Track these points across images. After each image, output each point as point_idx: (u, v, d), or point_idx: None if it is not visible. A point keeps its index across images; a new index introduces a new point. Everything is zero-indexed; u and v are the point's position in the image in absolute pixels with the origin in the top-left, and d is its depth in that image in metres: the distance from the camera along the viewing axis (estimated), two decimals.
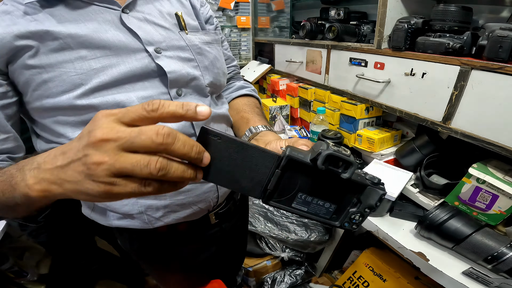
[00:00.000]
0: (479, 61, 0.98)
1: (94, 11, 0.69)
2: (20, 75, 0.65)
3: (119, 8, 0.71)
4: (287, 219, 1.86)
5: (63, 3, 0.67)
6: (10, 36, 0.62)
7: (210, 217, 0.92)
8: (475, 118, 1.00)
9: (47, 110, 0.67)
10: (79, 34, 0.65)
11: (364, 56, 1.39)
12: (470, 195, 1.03)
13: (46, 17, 0.65)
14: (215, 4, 2.55)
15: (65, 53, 0.64)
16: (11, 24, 0.63)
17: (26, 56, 0.63)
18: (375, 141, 1.38)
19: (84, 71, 0.65)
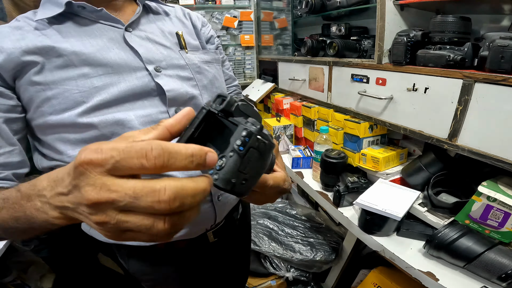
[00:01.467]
0: (482, 73, 0.96)
1: (99, 29, 0.71)
2: (25, 91, 0.66)
3: (123, 26, 0.74)
4: (292, 238, 1.83)
5: (71, 20, 0.70)
6: (19, 52, 0.64)
7: (208, 235, 0.91)
8: (482, 134, 0.97)
9: (49, 127, 0.68)
10: (83, 52, 0.67)
11: (366, 72, 1.39)
12: (481, 213, 0.99)
13: (54, 33, 0.68)
14: (219, 23, 2.61)
15: (69, 71, 0.66)
16: (20, 38, 0.65)
17: (32, 72, 0.65)
18: (380, 160, 1.36)
19: (86, 89, 0.66)
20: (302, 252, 1.76)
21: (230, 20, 2.60)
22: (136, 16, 0.77)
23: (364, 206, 1.15)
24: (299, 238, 1.84)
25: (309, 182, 1.62)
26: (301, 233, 1.89)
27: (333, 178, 1.47)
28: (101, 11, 0.71)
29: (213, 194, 0.82)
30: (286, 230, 1.91)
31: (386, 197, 1.19)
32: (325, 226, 1.94)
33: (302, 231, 1.90)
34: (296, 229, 1.93)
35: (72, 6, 0.69)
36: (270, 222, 1.96)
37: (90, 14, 0.72)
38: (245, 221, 1.11)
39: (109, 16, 0.73)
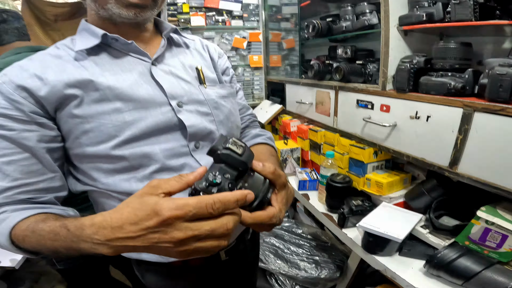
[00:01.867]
0: (481, 102, 1.00)
1: (129, 62, 0.78)
2: (65, 123, 0.72)
3: (150, 60, 0.80)
4: (298, 256, 1.87)
5: (105, 51, 0.77)
6: (61, 85, 0.70)
7: (221, 254, 0.96)
8: (482, 163, 1.02)
9: (86, 157, 0.74)
10: (116, 86, 0.73)
11: (370, 98, 1.44)
12: (480, 235, 1.05)
13: (91, 64, 0.74)
14: (229, 44, 2.70)
15: (104, 105, 0.72)
16: (62, 70, 0.71)
17: (72, 105, 0.71)
18: (383, 185, 1.41)
19: (119, 123, 0.73)
20: (307, 269, 1.79)
21: (239, 41, 2.69)
22: (161, 50, 0.83)
23: (366, 229, 1.20)
24: (304, 256, 1.87)
25: (315, 203, 1.67)
26: (306, 251, 1.92)
27: (338, 201, 1.53)
28: (131, 44, 0.78)
29: None
30: (292, 248, 1.95)
31: (388, 220, 1.24)
32: (331, 245, 1.98)
33: (308, 250, 1.94)
34: (301, 247, 1.96)
35: (107, 38, 0.76)
36: (276, 240, 2.00)
37: (121, 46, 0.79)
38: (255, 241, 1.15)
39: (138, 49, 0.79)
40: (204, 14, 2.61)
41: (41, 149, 0.70)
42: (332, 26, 1.88)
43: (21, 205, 0.67)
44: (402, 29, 1.32)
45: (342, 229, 1.42)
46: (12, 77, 0.69)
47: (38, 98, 0.69)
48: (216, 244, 0.49)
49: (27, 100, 0.68)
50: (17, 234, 0.61)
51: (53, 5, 3.32)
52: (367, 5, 1.60)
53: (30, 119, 0.68)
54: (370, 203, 1.45)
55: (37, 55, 0.76)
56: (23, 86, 0.68)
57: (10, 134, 0.66)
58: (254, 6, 2.75)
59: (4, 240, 0.62)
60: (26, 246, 0.61)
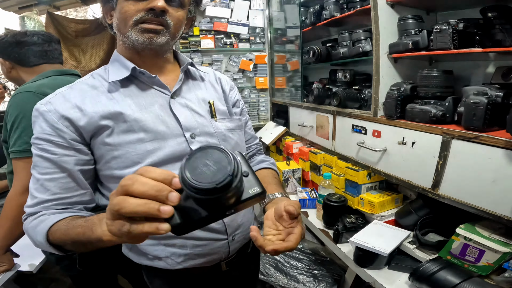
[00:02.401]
0: (458, 130, 1.10)
1: (153, 95, 0.89)
2: (98, 149, 0.84)
3: (169, 93, 0.91)
4: (297, 270, 1.97)
5: (133, 84, 0.89)
6: (97, 116, 0.81)
7: (222, 265, 1.05)
8: (459, 185, 1.13)
9: (113, 178, 0.86)
10: (141, 119, 0.84)
11: (364, 123, 1.56)
12: (460, 250, 1.16)
13: (121, 97, 0.85)
14: (236, 66, 2.84)
15: (130, 135, 0.83)
16: (97, 102, 0.83)
17: (105, 134, 0.82)
18: (375, 204, 1.54)
19: (142, 152, 0.84)
20: (305, 283, 1.88)
21: (246, 63, 2.83)
22: (179, 84, 0.93)
23: (356, 244, 1.32)
24: (303, 270, 1.97)
25: (313, 220, 1.79)
26: (305, 265, 2.02)
27: (334, 218, 1.64)
28: (155, 78, 0.88)
29: (229, 234, 0.98)
30: (292, 262, 2.04)
31: (377, 236, 1.35)
32: (329, 260, 2.07)
33: (307, 263, 2.03)
34: (301, 261, 2.06)
35: (135, 71, 0.87)
36: None
37: (146, 79, 0.89)
38: (255, 254, 1.25)
39: (160, 83, 0.89)
40: (213, 37, 2.77)
41: (76, 171, 0.81)
42: (331, 52, 2.01)
43: (58, 211, 0.79)
44: (392, 56, 1.43)
45: (337, 244, 1.52)
46: (56, 107, 0.80)
47: (78, 127, 0.80)
48: (117, 225, 0.48)
49: (68, 129, 0.80)
50: (52, 231, 0.71)
51: (75, 21, 3.56)
52: (362, 32, 1.72)
53: (70, 145, 0.80)
54: (363, 220, 1.56)
55: (76, 84, 0.88)
56: (66, 116, 0.79)
57: (53, 157, 0.79)
58: (260, 29, 2.90)
59: (41, 237, 0.72)
60: (55, 240, 0.71)
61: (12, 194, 1.16)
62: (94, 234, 0.59)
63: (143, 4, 0.80)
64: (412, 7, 1.49)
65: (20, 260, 1.38)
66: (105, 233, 0.55)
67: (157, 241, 0.92)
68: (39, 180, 0.79)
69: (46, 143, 0.79)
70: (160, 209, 0.44)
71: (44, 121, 0.79)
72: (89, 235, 0.61)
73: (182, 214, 0.47)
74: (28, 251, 1.39)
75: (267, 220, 0.79)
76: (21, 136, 1.15)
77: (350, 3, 1.92)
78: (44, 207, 0.78)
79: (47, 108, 0.80)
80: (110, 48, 3.53)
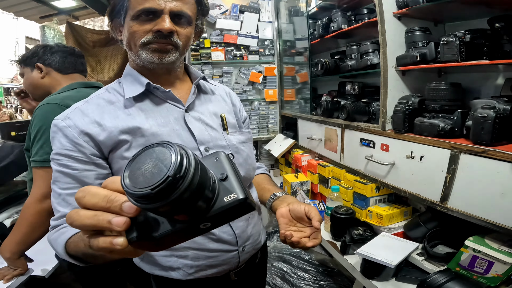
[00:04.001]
0: (466, 144, 1.10)
1: (167, 109, 0.91)
2: (116, 163, 0.85)
3: (183, 107, 0.92)
4: (304, 281, 1.96)
5: (148, 98, 0.90)
6: (117, 131, 0.82)
7: (231, 275, 1.06)
8: (468, 199, 1.13)
9: None
10: (158, 133, 0.86)
11: (372, 137, 1.56)
12: (469, 262, 1.14)
13: (138, 112, 0.87)
14: (246, 78, 2.87)
15: None
16: (115, 117, 0.84)
17: (123, 149, 0.84)
18: (383, 217, 1.53)
19: None
20: None
21: (255, 75, 2.86)
22: (192, 98, 0.95)
23: (363, 255, 1.31)
24: (310, 281, 1.96)
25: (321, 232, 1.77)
26: (313, 277, 2.01)
27: (341, 230, 1.64)
28: (168, 92, 0.89)
29: (239, 245, 0.99)
30: (299, 273, 2.04)
31: (385, 248, 1.35)
32: (337, 271, 2.05)
33: (314, 275, 2.02)
34: (308, 272, 2.05)
35: (150, 86, 0.88)
36: (284, 265, 2.10)
37: (161, 94, 0.91)
38: (263, 264, 1.25)
39: (174, 97, 0.91)
40: (224, 49, 2.81)
41: (97, 185, 0.81)
42: (339, 64, 2.02)
43: None
44: (400, 69, 1.43)
45: (344, 256, 1.51)
46: (76, 122, 0.81)
47: (97, 142, 0.82)
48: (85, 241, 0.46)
49: (88, 144, 0.81)
50: (68, 243, 0.72)
51: (92, 31, 3.67)
52: (370, 44, 1.73)
53: (90, 160, 0.81)
54: (371, 232, 1.55)
55: (92, 99, 0.89)
56: (86, 131, 0.81)
57: (73, 173, 0.80)
58: (269, 41, 2.94)
59: (61, 249, 0.74)
60: (71, 252, 0.71)
61: (30, 201, 1.19)
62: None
63: (150, 25, 0.81)
64: (419, 19, 1.49)
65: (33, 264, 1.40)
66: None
67: (170, 253, 0.93)
68: (61, 195, 0.81)
69: (67, 158, 0.80)
70: (111, 221, 0.38)
71: (63, 137, 0.81)
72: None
73: (142, 227, 0.39)
74: (41, 256, 1.42)
75: (283, 218, 0.90)
76: (43, 146, 1.18)
77: (357, 15, 1.94)
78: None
79: (66, 123, 0.81)
80: (125, 58, 3.58)
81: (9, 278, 1.30)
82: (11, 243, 1.26)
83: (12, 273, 1.31)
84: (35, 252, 1.33)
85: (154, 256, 0.96)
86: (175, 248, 0.92)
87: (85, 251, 0.64)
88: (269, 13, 2.94)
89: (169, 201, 0.33)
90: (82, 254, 0.67)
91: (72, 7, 3.39)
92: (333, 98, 2.08)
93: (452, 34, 1.20)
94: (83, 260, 0.72)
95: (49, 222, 1.00)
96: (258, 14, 2.89)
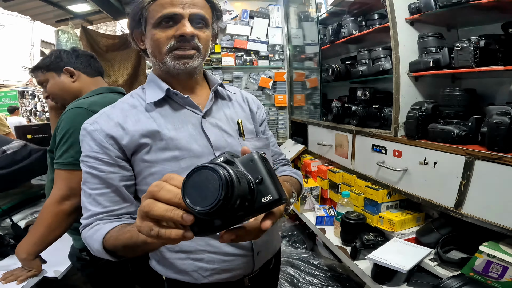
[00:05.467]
0: (481, 150, 1.09)
1: (186, 114, 0.94)
2: (137, 165, 0.89)
3: (201, 113, 0.94)
4: (312, 286, 1.96)
5: (168, 104, 0.94)
6: (138, 134, 0.87)
7: (245, 280, 1.06)
8: (483, 205, 1.12)
9: None
10: (176, 138, 0.89)
11: (384, 143, 1.55)
12: (483, 267, 1.13)
13: (158, 116, 0.91)
14: (256, 84, 2.88)
15: (166, 153, 0.88)
16: (137, 120, 0.89)
17: (144, 152, 0.88)
18: (395, 223, 1.52)
19: (176, 169, 0.88)
20: None
21: (265, 80, 2.87)
22: (209, 104, 0.97)
23: (374, 260, 1.31)
24: (319, 286, 1.95)
25: (331, 237, 1.79)
26: (321, 282, 2.00)
27: (352, 236, 1.64)
28: (187, 98, 0.93)
29: (255, 250, 0.99)
30: (307, 278, 2.03)
31: (397, 253, 1.34)
32: (346, 276, 2.04)
33: (323, 280, 2.01)
34: (317, 277, 2.04)
35: (169, 92, 0.92)
36: (293, 270, 2.09)
37: (179, 99, 0.94)
38: (276, 271, 1.25)
39: (192, 103, 0.94)
40: (234, 54, 2.83)
41: (121, 186, 0.87)
42: (350, 70, 2.02)
43: (110, 221, 0.84)
44: (413, 75, 1.43)
45: (354, 261, 1.51)
46: (102, 126, 0.87)
47: (121, 145, 0.86)
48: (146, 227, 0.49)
49: (113, 146, 0.86)
50: (106, 238, 0.77)
51: (105, 36, 3.72)
52: (381, 50, 1.73)
53: (115, 162, 0.86)
54: (382, 238, 1.54)
55: (118, 104, 0.94)
56: (111, 135, 0.86)
57: (101, 174, 0.85)
58: (279, 46, 2.95)
59: (98, 245, 0.77)
60: (109, 246, 0.76)
61: (50, 202, 1.20)
62: (140, 237, 0.63)
63: (172, 31, 0.85)
64: (432, 24, 1.49)
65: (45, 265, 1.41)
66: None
67: (185, 255, 0.94)
68: (91, 195, 0.86)
69: (94, 160, 0.85)
70: (183, 217, 0.46)
71: (92, 140, 0.86)
72: (135, 239, 0.66)
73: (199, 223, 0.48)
74: (53, 257, 1.43)
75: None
76: (68, 150, 1.20)
77: (368, 20, 1.94)
78: (97, 219, 0.85)
79: (94, 127, 0.87)
80: (136, 63, 3.65)
81: (23, 279, 1.30)
82: (28, 244, 1.26)
83: (26, 274, 1.31)
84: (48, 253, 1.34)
85: (169, 259, 0.97)
86: (191, 251, 0.94)
87: (127, 243, 0.70)
88: (278, 18, 2.95)
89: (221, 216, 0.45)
90: (123, 246, 0.72)
91: (87, 11, 3.46)
92: (343, 104, 2.07)
93: (467, 40, 1.19)
94: (116, 255, 0.77)
95: (66, 223, 1.09)
96: (267, 20, 2.90)
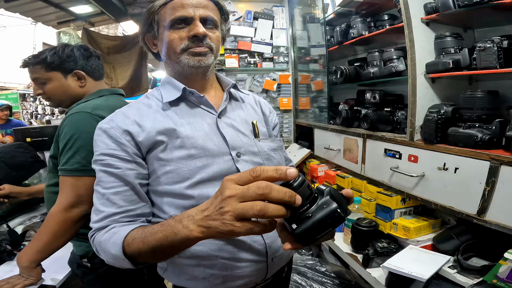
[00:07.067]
0: (507, 155, 1.04)
1: (201, 114, 0.95)
2: (152, 164, 0.88)
3: (216, 113, 0.95)
4: None
5: (184, 102, 0.95)
6: (155, 132, 0.87)
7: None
8: (508, 211, 1.07)
9: (163, 193, 0.89)
10: (192, 136, 0.89)
11: (398, 147, 1.49)
12: (507, 274, 1.07)
13: (173, 115, 0.92)
14: (260, 86, 2.82)
15: (182, 151, 0.87)
16: (154, 119, 0.89)
17: (159, 150, 0.87)
18: (410, 230, 1.46)
19: (192, 168, 0.87)
20: None
21: (270, 83, 2.81)
22: (224, 105, 0.98)
23: (390, 269, 1.25)
24: None
25: (340, 244, 1.72)
26: None
27: (363, 243, 1.57)
28: (202, 98, 0.94)
29: (269, 256, 0.95)
30: (314, 286, 1.96)
31: (414, 261, 1.28)
32: (355, 284, 1.97)
33: (331, 287, 1.94)
34: (324, 285, 1.97)
35: (185, 91, 0.93)
36: (299, 277, 2.02)
37: (195, 99, 0.96)
38: (287, 280, 1.22)
39: (207, 102, 0.95)
40: (237, 56, 2.78)
41: (137, 184, 0.86)
42: (360, 72, 1.96)
43: (126, 223, 0.81)
44: (430, 76, 1.37)
45: (366, 269, 1.45)
46: (118, 123, 0.87)
47: (137, 142, 0.86)
48: (249, 226, 0.52)
49: (130, 143, 0.86)
50: (127, 240, 0.73)
51: (107, 37, 3.69)
52: (394, 51, 1.66)
53: (132, 159, 0.86)
54: (396, 245, 1.48)
55: (133, 104, 0.96)
56: (128, 130, 0.86)
57: (117, 171, 0.84)
58: (284, 48, 2.90)
59: (117, 249, 0.73)
60: (131, 250, 0.71)
61: (56, 210, 1.15)
62: (179, 235, 0.61)
63: (185, 32, 0.90)
64: (449, 25, 1.45)
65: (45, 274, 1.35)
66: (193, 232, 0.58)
67: (196, 262, 0.91)
68: (105, 195, 0.84)
69: (111, 157, 0.85)
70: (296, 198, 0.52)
71: (108, 137, 0.86)
72: (172, 238, 0.62)
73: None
74: (52, 265, 1.39)
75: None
76: (74, 156, 1.15)
77: (378, 21, 1.90)
78: (112, 220, 0.82)
79: (110, 125, 0.87)
80: (137, 65, 3.62)
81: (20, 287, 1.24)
82: (30, 252, 1.21)
83: (24, 282, 1.25)
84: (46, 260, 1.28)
85: (180, 266, 0.94)
86: (203, 257, 0.91)
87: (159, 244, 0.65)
88: (283, 19, 2.91)
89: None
90: (152, 248, 0.67)
91: (89, 13, 3.48)
92: (351, 107, 2.02)
93: (489, 40, 1.15)
94: (135, 261, 0.73)
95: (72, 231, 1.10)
96: (272, 21, 2.86)
